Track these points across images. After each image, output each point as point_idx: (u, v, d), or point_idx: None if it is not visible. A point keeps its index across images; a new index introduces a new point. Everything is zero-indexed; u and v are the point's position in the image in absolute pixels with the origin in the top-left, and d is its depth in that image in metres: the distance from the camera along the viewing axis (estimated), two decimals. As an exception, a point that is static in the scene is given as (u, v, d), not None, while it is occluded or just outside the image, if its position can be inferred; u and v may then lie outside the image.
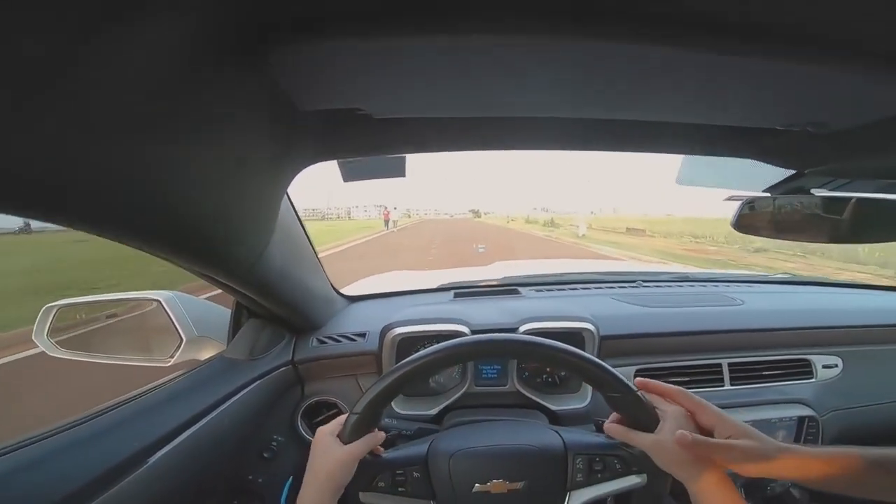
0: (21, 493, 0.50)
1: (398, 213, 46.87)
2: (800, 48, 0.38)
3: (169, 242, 0.53)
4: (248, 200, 0.59)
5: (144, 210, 0.44)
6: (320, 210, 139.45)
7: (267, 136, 0.52)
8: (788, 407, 1.09)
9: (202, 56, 0.34)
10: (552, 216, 55.89)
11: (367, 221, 60.50)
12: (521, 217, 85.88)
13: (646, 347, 1.13)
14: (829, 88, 0.46)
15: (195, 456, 0.73)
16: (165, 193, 0.43)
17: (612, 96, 0.50)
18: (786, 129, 0.58)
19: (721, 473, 0.63)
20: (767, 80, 0.44)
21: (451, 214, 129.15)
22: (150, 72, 0.32)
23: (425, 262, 10.76)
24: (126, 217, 0.43)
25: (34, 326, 1.03)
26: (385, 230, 31.78)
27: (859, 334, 1.20)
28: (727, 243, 19.60)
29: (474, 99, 0.51)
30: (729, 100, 0.51)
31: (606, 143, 0.69)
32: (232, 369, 0.93)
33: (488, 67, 0.42)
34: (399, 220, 44.53)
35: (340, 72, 0.42)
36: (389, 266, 3.18)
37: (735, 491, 0.62)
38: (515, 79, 0.45)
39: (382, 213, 44.59)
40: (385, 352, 1.05)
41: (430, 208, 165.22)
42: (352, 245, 18.00)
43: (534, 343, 0.71)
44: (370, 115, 0.52)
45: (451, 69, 0.43)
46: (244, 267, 0.69)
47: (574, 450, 0.73)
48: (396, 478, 0.71)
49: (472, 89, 0.48)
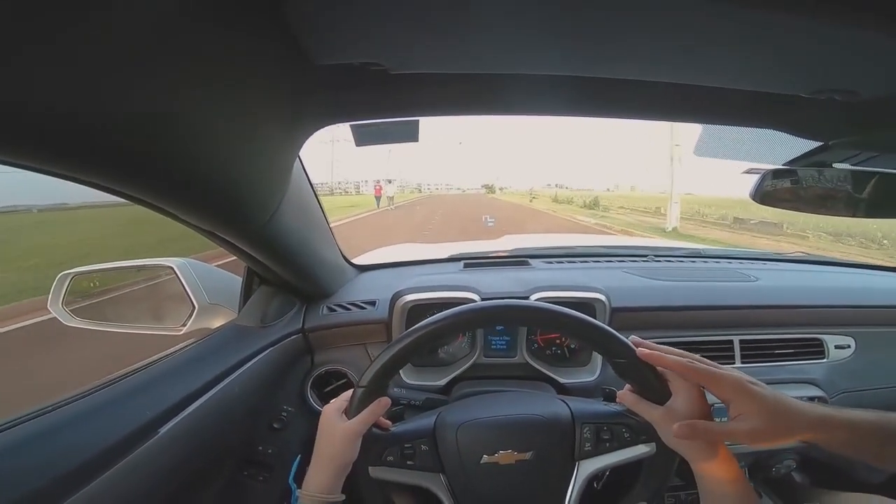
0: (34, 464, 0.51)
1: (394, 188, 36.82)
2: (829, 6, 0.35)
3: (179, 198, 0.52)
4: (261, 158, 0.59)
5: (155, 163, 0.43)
6: (328, 184, 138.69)
7: (281, 92, 0.51)
8: (799, 387, 1.08)
9: (216, 3, 0.33)
10: (597, 195, 45.03)
11: (355, 197, 47.88)
12: (545, 194, 66.93)
13: (657, 321, 1.12)
14: (860, 53, 0.43)
15: (206, 425, 0.74)
16: (176, 145, 0.43)
17: (634, 53, 0.48)
18: (811, 96, 0.55)
19: (726, 453, 0.62)
20: (793, 42, 0.42)
21: (464, 189, 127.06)
22: (161, 20, 0.31)
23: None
24: (135, 170, 0.42)
25: (49, 295, 1.04)
26: (376, 209, 25.64)
27: (874, 315, 1.18)
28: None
29: (493, 54, 0.49)
30: (752, 63, 0.49)
31: (627, 108, 0.67)
32: (243, 337, 0.94)
33: (509, 18, 0.40)
34: (396, 195, 35.04)
35: (357, 22, 0.41)
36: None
37: (739, 471, 0.62)
38: (537, 30, 0.43)
39: (375, 187, 34.75)
40: (395, 319, 1.06)
41: (442, 183, 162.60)
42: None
43: (535, 308, 0.71)
44: (386, 69, 0.50)
45: (470, 20, 0.41)
46: (255, 227, 0.69)
47: (581, 419, 0.73)
48: (405, 451, 0.71)
49: (491, 42, 0.46)
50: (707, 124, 0.76)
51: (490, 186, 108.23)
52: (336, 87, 0.57)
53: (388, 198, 30.23)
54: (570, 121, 2.34)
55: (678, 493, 1.15)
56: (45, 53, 0.27)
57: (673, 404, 0.64)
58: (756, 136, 0.75)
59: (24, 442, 0.53)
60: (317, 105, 0.61)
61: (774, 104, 0.60)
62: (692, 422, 0.59)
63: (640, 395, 0.68)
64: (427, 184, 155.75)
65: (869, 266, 1.61)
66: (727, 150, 0.82)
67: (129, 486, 0.58)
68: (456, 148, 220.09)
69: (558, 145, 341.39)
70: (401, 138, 0.75)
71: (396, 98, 0.62)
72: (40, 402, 0.60)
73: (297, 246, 0.88)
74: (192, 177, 0.49)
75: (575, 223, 17.68)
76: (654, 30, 0.42)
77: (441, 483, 0.71)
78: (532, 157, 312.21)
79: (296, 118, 0.59)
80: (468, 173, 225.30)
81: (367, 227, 14.96)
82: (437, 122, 28.61)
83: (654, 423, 0.66)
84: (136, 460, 0.59)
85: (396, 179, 69.45)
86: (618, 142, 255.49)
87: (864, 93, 0.52)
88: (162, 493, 0.66)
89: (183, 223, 0.61)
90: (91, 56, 0.30)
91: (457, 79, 0.56)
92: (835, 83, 0.51)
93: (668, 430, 0.63)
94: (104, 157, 0.39)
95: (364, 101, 0.63)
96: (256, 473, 0.93)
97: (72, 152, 0.37)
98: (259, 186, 0.63)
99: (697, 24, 0.40)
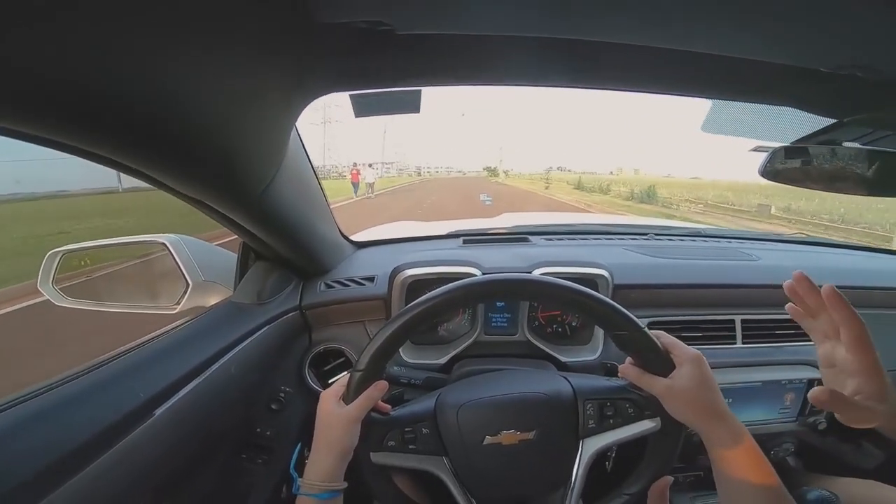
0: (25, 449, 0.49)
1: (374, 173, 28.52)
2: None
3: (167, 164, 0.50)
4: (256, 123, 0.56)
5: (139, 125, 0.41)
6: (322, 168, 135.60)
7: (280, 52, 0.48)
8: (798, 369, 1.08)
9: None
10: (652, 182, 37.31)
11: (333, 182, 40.12)
12: (558, 178, 55.97)
13: (659, 299, 1.12)
14: (884, 28, 0.41)
15: (203, 406, 0.73)
16: (163, 106, 0.41)
17: (646, 18, 0.46)
18: (832, 71, 0.53)
19: (737, 426, 0.61)
20: (819, 13, 0.40)
21: (464, 172, 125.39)
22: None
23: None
24: (117, 131, 0.40)
25: (38, 274, 1.01)
26: (353, 198, 21.31)
27: (873, 297, 1.19)
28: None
29: (505, 12, 0.47)
30: (773, 32, 0.47)
31: (636, 80, 0.65)
32: (239, 314, 0.92)
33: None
34: (377, 181, 27.69)
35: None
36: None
37: (755, 446, 0.61)
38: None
39: (351, 172, 27.65)
40: (395, 295, 1.04)
41: (443, 166, 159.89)
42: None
43: (534, 281, 0.69)
44: (393, 29, 0.47)
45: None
46: (249, 198, 0.67)
47: (584, 395, 0.72)
48: (406, 435, 0.70)
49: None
50: (717, 99, 0.74)
51: (493, 169, 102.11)
52: (338, 52, 0.54)
53: (367, 184, 25.33)
54: (579, 97, 2.21)
55: (677, 475, 1.15)
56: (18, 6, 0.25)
57: (679, 374, 0.63)
58: (766, 112, 0.73)
59: (15, 427, 0.51)
60: (318, 70, 0.58)
61: (792, 78, 0.58)
62: (832, 391, 0.53)
63: (642, 368, 0.67)
64: (427, 167, 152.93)
65: (868, 248, 1.62)
66: (736, 126, 0.80)
67: (125, 469, 0.57)
68: (457, 126, 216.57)
69: (564, 128, 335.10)
70: (402, 108, 0.72)
71: (402, 64, 0.59)
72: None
73: (294, 219, 0.86)
74: (180, 142, 0.47)
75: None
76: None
77: (444, 466, 0.71)
78: (537, 138, 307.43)
79: (295, 82, 0.57)
80: (469, 154, 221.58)
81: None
82: (439, 101, 26.73)
83: (660, 396, 0.65)
84: (132, 443, 0.58)
85: (378, 163, 63.70)
86: (618, 123, 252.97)
87: (888, 71, 0.50)
88: (159, 477, 0.64)
89: (170, 192, 0.58)
90: (68, 16, 0.28)
91: (466, 42, 0.53)
92: (859, 59, 0.49)
93: (675, 401, 0.64)
94: (88, 120, 0.36)
95: (367, 67, 0.60)
96: (255, 456, 0.93)
97: (46, 113, 0.34)
98: (254, 155, 0.61)
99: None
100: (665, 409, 0.66)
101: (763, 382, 1.05)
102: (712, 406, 0.62)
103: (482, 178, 78.99)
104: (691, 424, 0.64)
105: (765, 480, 0.59)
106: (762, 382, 1.05)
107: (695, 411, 0.63)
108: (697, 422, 0.63)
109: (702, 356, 0.65)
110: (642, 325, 0.66)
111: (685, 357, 0.64)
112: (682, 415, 0.64)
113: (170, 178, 0.53)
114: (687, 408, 0.63)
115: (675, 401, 0.64)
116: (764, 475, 0.59)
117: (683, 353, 0.65)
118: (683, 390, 0.63)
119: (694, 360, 0.64)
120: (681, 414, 0.64)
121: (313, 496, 0.62)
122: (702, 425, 0.62)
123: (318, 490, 0.63)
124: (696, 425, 0.63)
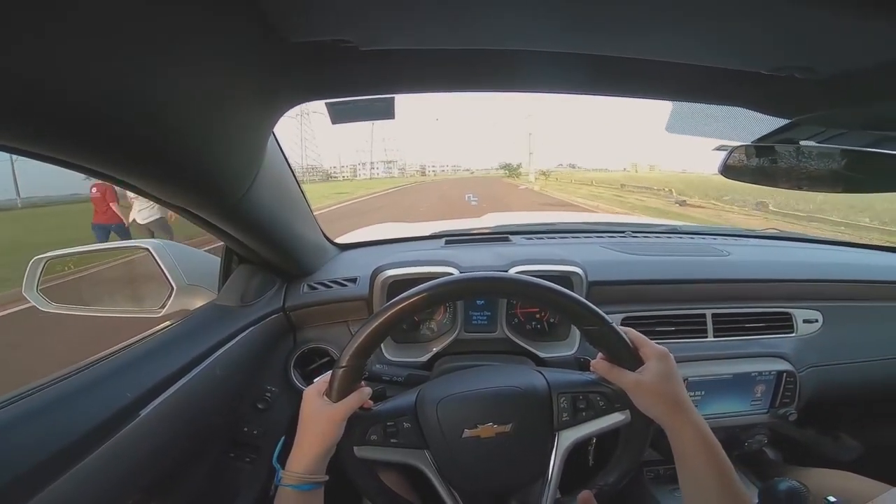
0: (11, 449, 0.50)
1: (149, 212, 6.12)
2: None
3: (149, 173, 0.52)
4: (233, 134, 0.58)
5: (121, 137, 0.43)
6: (323, 169, 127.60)
7: (253, 69, 0.51)
8: (768, 361, 1.11)
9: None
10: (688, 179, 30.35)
11: (321, 185, 34.79)
12: (599, 178, 43.04)
13: (633, 295, 1.14)
14: (814, 30, 0.45)
15: (189, 406, 0.74)
16: (144, 120, 0.43)
17: (607, 29, 0.49)
18: (772, 73, 0.56)
19: (698, 418, 0.64)
20: (752, 18, 0.43)
21: (472, 171, 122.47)
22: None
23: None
24: (100, 143, 0.42)
25: (23, 281, 1.02)
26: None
27: (840, 289, 1.22)
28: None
29: (462, 28, 0.49)
30: (715, 39, 0.50)
31: (596, 84, 0.68)
32: (223, 316, 0.94)
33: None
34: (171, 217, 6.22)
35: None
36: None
37: (712, 436, 0.63)
38: (505, 5, 0.44)
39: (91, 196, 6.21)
40: (375, 296, 1.06)
41: (448, 164, 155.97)
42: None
43: (506, 279, 0.72)
44: (356, 46, 0.50)
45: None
46: (229, 203, 0.69)
47: (557, 388, 0.74)
48: (388, 430, 0.72)
49: (460, 16, 0.46)
50: (675, 101, 0.77)
51: (514, 168, 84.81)
52: (308, 65, 0.57)
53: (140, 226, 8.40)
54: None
55: (657, 467, 1.18)
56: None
57: (646, 369, 0.66)
58: (724, 114, 0.76)
59: (2, 428, 0.52)
60: (290, 82, 0.61)
61: (739, 81, 0.61)
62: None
63: (612, 362, 0.70)
64: (431, 166, 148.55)
65: (836, 242, 1.66)
66: (696, 126, 0.83)
67: (112, 469, 0.58)
68: (461, 124, 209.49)
69: (574, 125, 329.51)
70: (376, 115, 0.75)
71: (368, 75, 0.62)
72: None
73: (275, 223, 0.88)
74: (160, 152, 0.48)
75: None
76: (617, 3, 0.43)
77: (426, 459, 0.73)
78: (545, 136, 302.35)
79: (268, 95, 0.59)
80: (474, 154, 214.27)
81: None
82: (438, 101, 25.96)
83: (628, 389, 0.68)
84: (118, 444, 0.59)
85: (369, 162, 58.49)
86: (631, 119, 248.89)
87: (820, 70, 0.53)
88: (148, 476, 0.66)
89: (152, 199, 0.61)
90: (52, 27, 0.29)
91: (429, 55, 0.56)
92: (792, 60, 0.52)
93: (641, 395, 0.66)
94: (65, 130, 0.38)
95: (336, 79, 0.63)
96: (243, 455, 0.94)
97: (29, 124, 0.36)
98: (232, 163, 0.63)
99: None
100: (633, 403, 0.68)
101: (734, 375, 1.08)
102: (676, 399, 0.65)
103: (494, 179, 59.26)
104: (656, 417, 0.66)
105: (720, 470, 0.61)
106: (733, 375, 1.08)
107: (660, 405, 0.65)
108: (661, 415, 0.65)
109: (668, 352, 0.68)
110: (611, 321, 0.68)
111: (653, 353, 0.67)
112: (648, 408, 0.67)
113: (149, 186, 0.55)
114: (653, 401, 0.66)
115: (643, 394, 0.66)
116: (720, 465, 0.62)
117: (651, 349, 0.68)
118: (650, 384, 0.65)
119: (661, 356, 0.67)
120: (647, 407, 0.67)
121: (295, 487, 0.64)
122: (665, 418, 0.65)
123: (300, 481, 0.64)
124: (660, 418, 0.66)
